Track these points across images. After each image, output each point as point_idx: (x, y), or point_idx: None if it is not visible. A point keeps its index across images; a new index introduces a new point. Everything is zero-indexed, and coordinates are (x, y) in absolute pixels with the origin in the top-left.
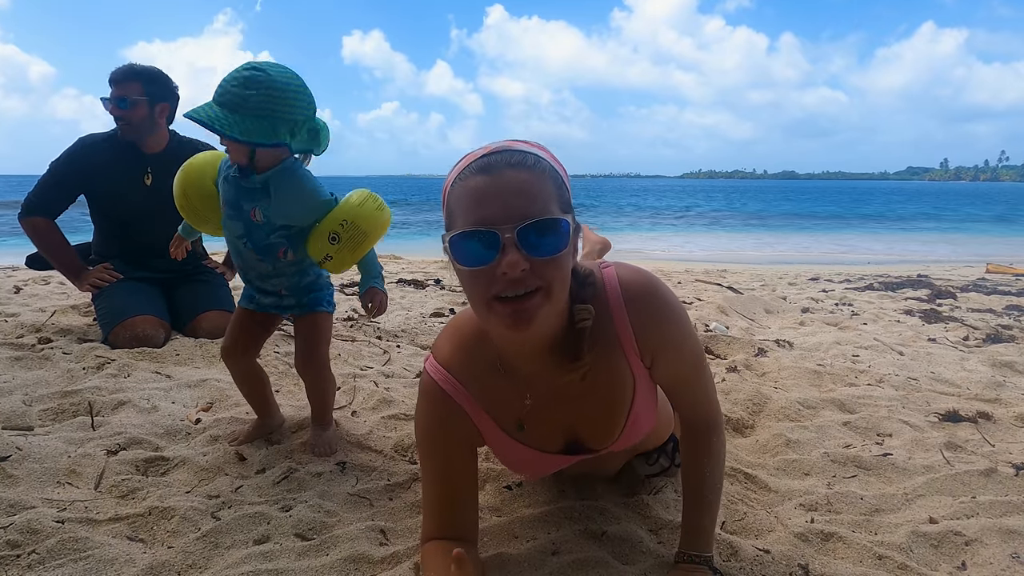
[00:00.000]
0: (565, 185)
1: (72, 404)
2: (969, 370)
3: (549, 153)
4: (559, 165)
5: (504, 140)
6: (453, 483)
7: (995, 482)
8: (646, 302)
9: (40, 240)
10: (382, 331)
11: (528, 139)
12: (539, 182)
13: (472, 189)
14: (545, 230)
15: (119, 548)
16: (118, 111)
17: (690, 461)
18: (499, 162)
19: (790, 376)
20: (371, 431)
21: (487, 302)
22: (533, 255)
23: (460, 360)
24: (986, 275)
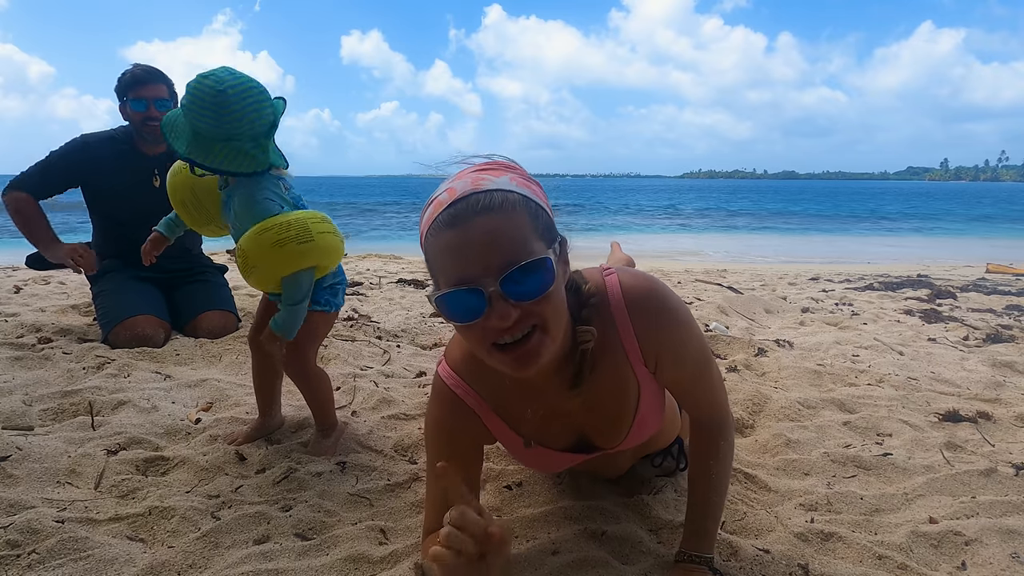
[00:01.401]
0: (542, 209)
1: (72, 404)
2: (969, 370)
3: (519, 174)
4: (531, 185)
5: (467, 171)
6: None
7: (995, 482)
8: (647, 307)
9: (18, 212)
10: (382, 331)
11: (491, 156)
12: (512, 222)
13: (446, 246)
14: (528, 272)
15: (119, 548)
16: (156, 113)
17: (697, 461)
18: (466, 211)
19: (790, 376)
20: (371, 431)
21: (487, 350)
22: (521, 301)
23: (470, 364)
24: (986, 275)
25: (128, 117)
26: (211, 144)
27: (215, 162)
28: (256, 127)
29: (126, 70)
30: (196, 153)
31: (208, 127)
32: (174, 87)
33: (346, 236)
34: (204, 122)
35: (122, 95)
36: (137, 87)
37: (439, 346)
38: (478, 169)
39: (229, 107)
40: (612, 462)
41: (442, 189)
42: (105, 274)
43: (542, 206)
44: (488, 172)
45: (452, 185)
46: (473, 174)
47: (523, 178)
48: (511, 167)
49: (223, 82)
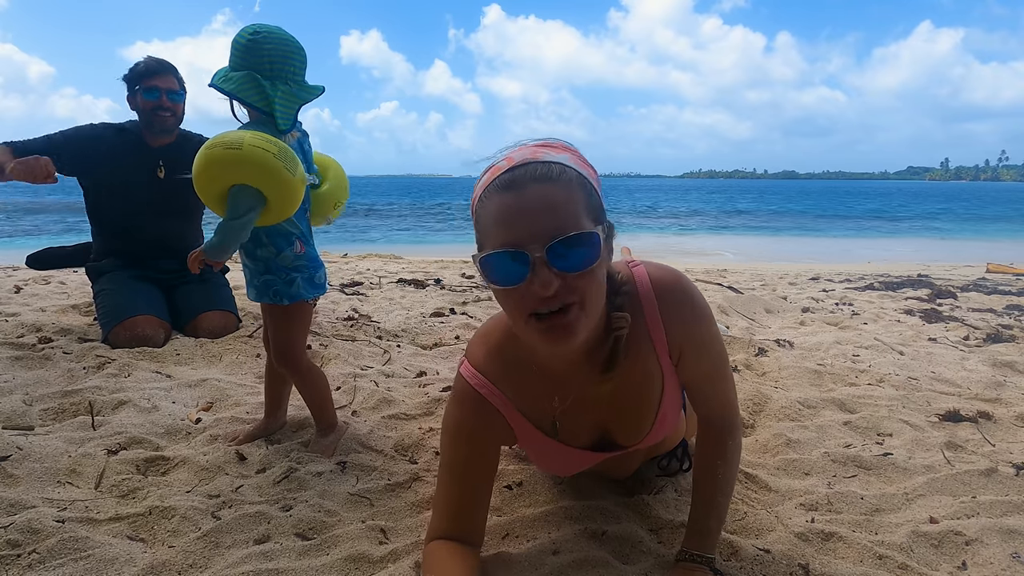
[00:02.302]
0: (595, 190)
1: (72, 404)
2: (969, 370)
3: (577, 156)
4: (588, 168)
5: (528, 144)
6: (472, 484)
7: (995, 482)
8: (677, 299)
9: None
10: (382, 331)
11: (551, 138)
12: (566, 194)
13: (498, 208)
14: (575, 244)
15: (119, 548)
16: (168, 103)
17: (703, 461)
18: (523, 177)
19: (790, 376)
20: (371, 431)
21: (524, 319)
22: (565, 271)
23: (493, 363)
24: (986, 275)
25: (138, 106)
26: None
27: (232, 86)
28: (275, 67)
29: (138, 61)
30: (221, 74)
31: (237, 61)
32: (184, 82)
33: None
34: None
35: (133, 85)
36: (149, 77)
37: (439, 346)
38: (538, 144)
39: (259, 44)
40: (623, 463)
41: (501, 157)
42: (105, 273)
43: (596, 190)
44: (549, 148)
45: (511, 154)
46: (533, 147)
47: (581, 160)
48: (570, 148)
49: (262, 30)
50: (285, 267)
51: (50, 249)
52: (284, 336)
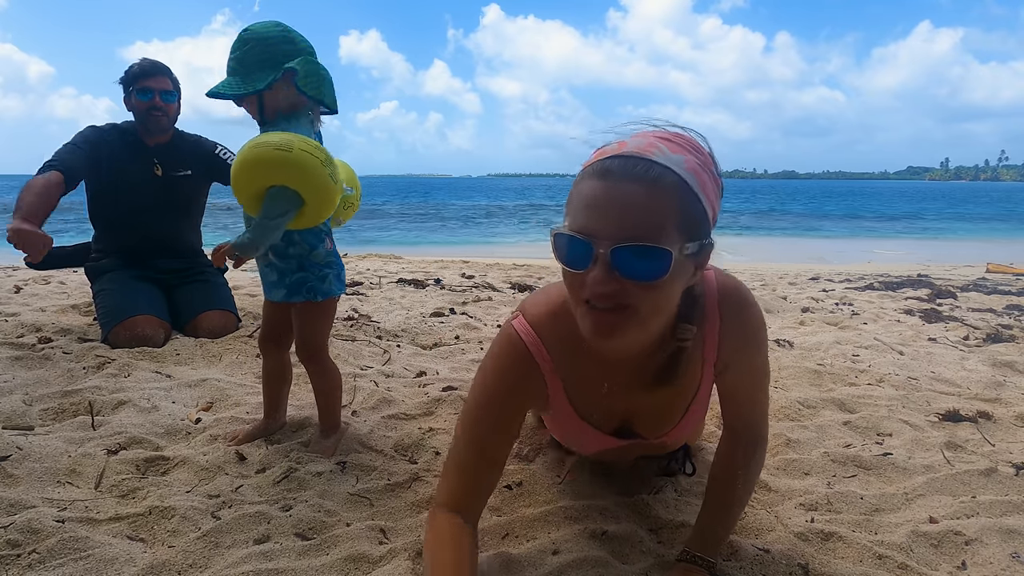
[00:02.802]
0: (700, 202)
1: (72, 404)
2: (969, 370)
3: (700, 160)
4: (705, 176)
5: (651, 132)
6: (494, 443)
7: (995, 482)
8: (739, 314)
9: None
10: (382, 331)
11: (683, 130)
12: (654, 201)
13: (587, 192)
14: (643, 256)
15: (119, 548)
16: (161, 104)
17: (724, 469)
18: (620, 170)
19: (790, 376)
20: (371, 431)
21: (578, 302)
22: (625, 276)
23: (550, 327)
24: (986, 274)
25: (133, 107)
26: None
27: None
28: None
29: (133, 63)
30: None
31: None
32: (178, 81)
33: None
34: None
35: (128, 86)
36: (143, 78)
37: (439, 346)
38: (663, 137)
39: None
40: (629, 452)
41: (616, 140)
42: (105, 273)
43: (701, 202)
44: (669, 144)
45: (629, 139)
46: (654, 138)
47: (701, 167)
48: (697, 151)
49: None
50: (319, 264)
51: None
52: (314, 332)
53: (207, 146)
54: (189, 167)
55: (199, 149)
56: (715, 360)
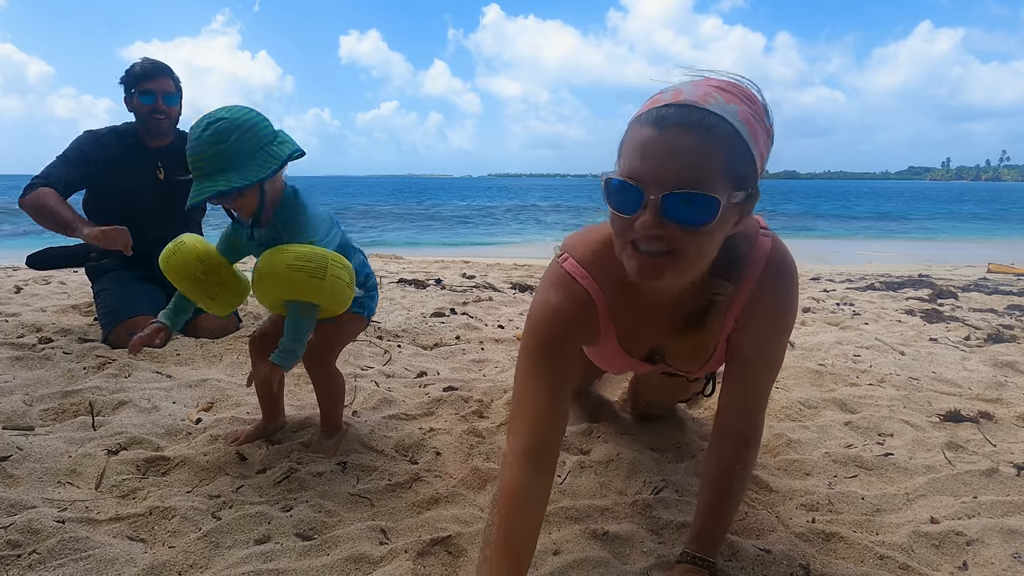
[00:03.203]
0: (750, 152)
1: (73, 404)
2: (970, 370)
3: (752, 110)
4: (757, 127)
5: (707, 81)
6: (557, 381)
7: (996, 482)
8: (774, 290)
9: (46, 205)
10: (383, 331)
11: (739, 80)
12: (707, 149)
13: (640, 139)
14: (692, 202)
15: (120, 548)
16: (164, 107)
17: (718, 466)
18: (674, 117)
19: (791, 376)
20: (372, 431)
21: (623, 244)
22: (673, 222)
23: (598, 266)
24: (987, 275)
25: (135, 109)
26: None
27: (252, 174)
28: (260, 134)
29: (134, 63)
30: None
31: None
32: (180, 81)
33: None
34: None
35: (129, 88)
36: (145, 80)
37: (439, 346)
38: (718, 86)
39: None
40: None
41: (674, 87)
42: (106, 273)
43: (751, 151)
44: (725, 93)
45: (683, 88)
46: (709, 87)
47: (754, 117)
48: (751, 100)
49: (217, 114)
50: (370, 285)
51: (50, 249)
52: (341, 342)
53: None
54: None
55: None
56: (734, 323)
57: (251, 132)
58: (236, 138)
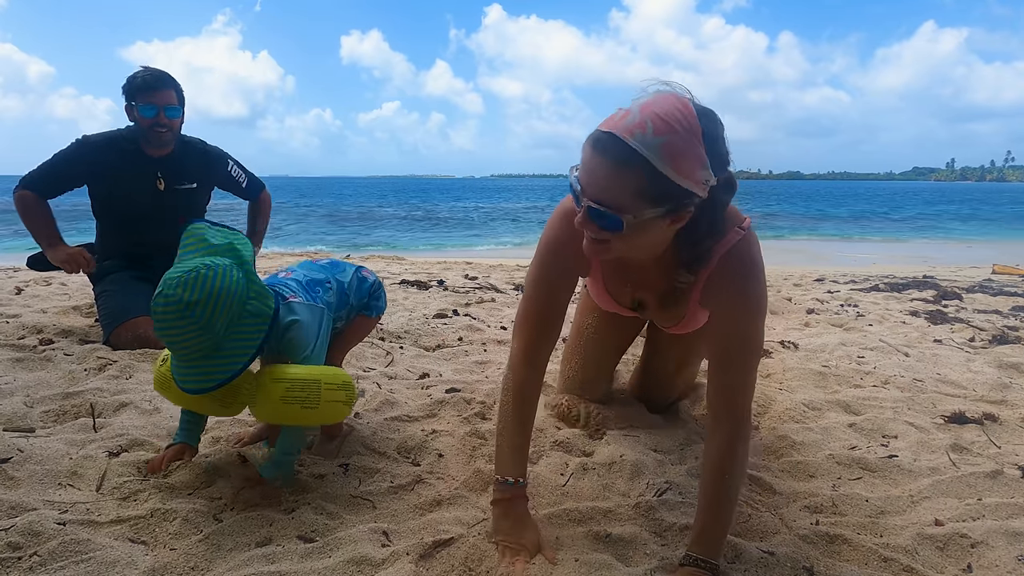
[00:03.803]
0: (665, 177)
1: (73, 406)
2: (975, 371)
3: (679, 135)
4: (680, 154)
5: (647, 106)
6: (557, 299)
7: (1001, 484)
8: (731, 276)
9: (26, 211)
10: (385, 332)
11: (669, 113)
12: (619, 177)
13: (585, 153)
14: (602, 216)
15: (121, 550)
16: (165, 120)
17: (711, 465)
18: (601, 144)
19: (795, 377)
20: (374, 433)
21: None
22: (594, 224)
23: None
24: (992, 276)
25: (136, 120)
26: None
27: (246, 343)
28: (234, 297)
29: (136, 72)
30: (227, 357)
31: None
32: (182, 91)
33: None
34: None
35: (130, 98)
36: (147, 93)
37: (442, 347)
38: (659, 113)
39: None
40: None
41: (627, 108)
42: (107, 275)
43: (669, 178)
44: (660, 123)
45: (630, 110)
46: (646, 116)
47: (683, 146)
48: (686, 129)
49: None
50: (375, 292)
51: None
52: (346, 346)
53: (217, 163)
54: (195, 180)
55: (208, 165)
56: (700, 295)
57: (227, 295)
58: (213, 311)
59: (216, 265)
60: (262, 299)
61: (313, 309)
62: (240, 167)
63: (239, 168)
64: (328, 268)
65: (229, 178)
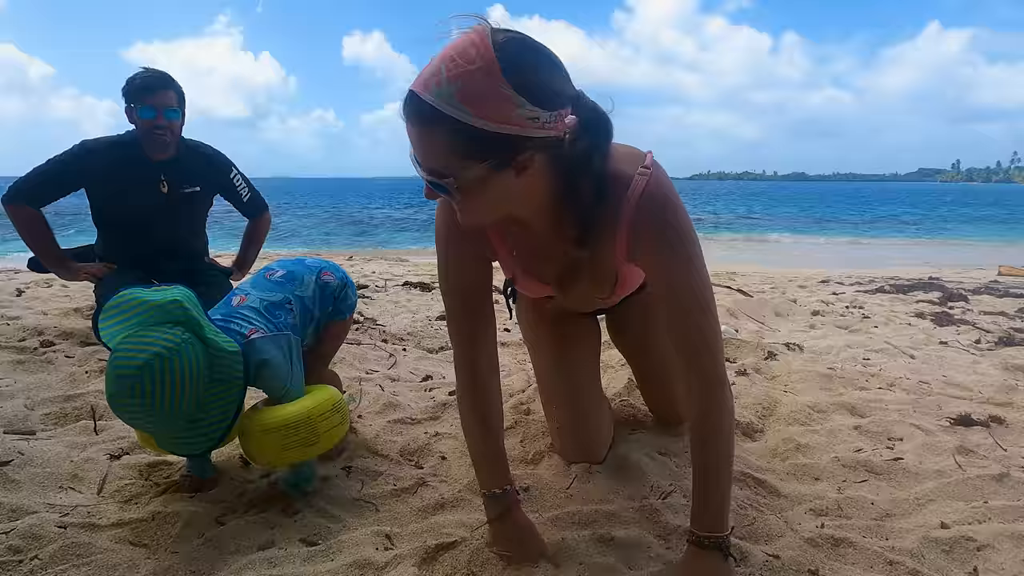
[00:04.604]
0: (473, 127)
1: (74, 408)
2: (981, 373)
3: (476, 77)
4: (480, 96)
5: (440, 57)
6: (469, 285)
7: (1007, 487)
8: (651, 220)
9: (23, 227)
10: (388, 334)
11: (464, 47)
12: (429, 138)
13: (406, 127)
14: (433, 183)
15: (122, 554)
16: (164, 122)
17: (693, 426)
18: (407, 108)
19: (800, 380)
20: (377, 435)
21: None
22: (436, 194)
23: None
24: (998, 277)
25: (135, 123)
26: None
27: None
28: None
29: (135, 74)
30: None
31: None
32: (183, 92)
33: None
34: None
35: (130, 100)
36: (146, 94)
37: (445, 350)
38: (451, 57)
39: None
40: (579, 303)
41: (424, 67)
42: (109, 277)
43: (479, 127)
44: (452, 66)
45: (432, 61)
46: (442, 61)
47: (484, 87)
48: (465, 72)
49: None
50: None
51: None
52: (328, 354)
53: (221, 169)
54: (198, 184)
55: (212, 170)
56: (626, 258)
57: (187, 385)
58: (174, 403)
59: (169, 350)
60: (227, 362)
61: (278, 339)
62: (245, 180)
63: (243, 180)
64: (285, 285)
65: (231, 185)
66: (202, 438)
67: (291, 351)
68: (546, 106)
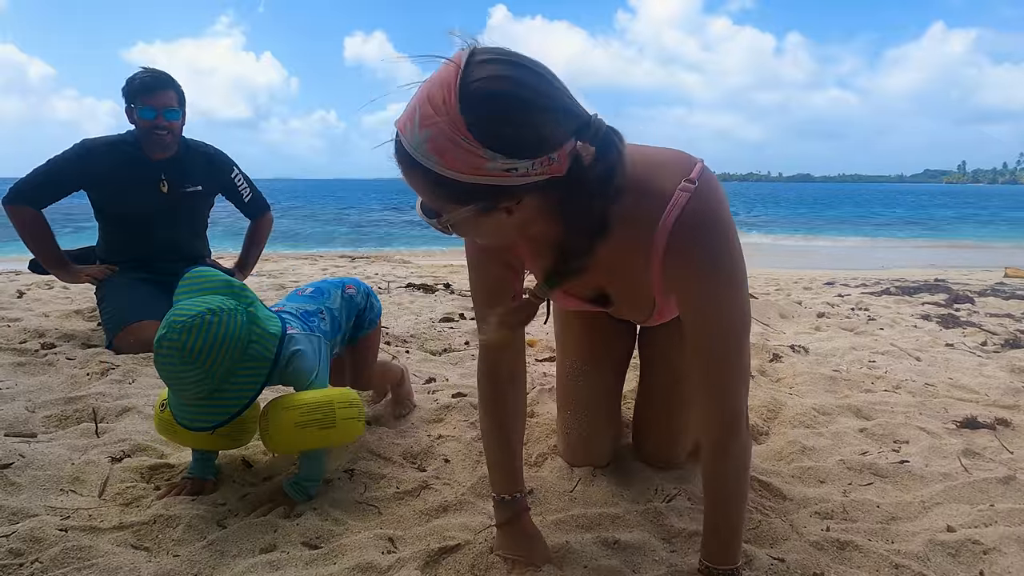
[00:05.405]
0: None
1: (76, 410)
2: (987, 376)
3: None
4: (446, 148)
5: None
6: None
7: (1014, 490)
8: (690, 241)
9: (24, 228)
10: (391, 336)
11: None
12: (412, 179)
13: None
14: (429, 218)
15: (123, 557)
16: (164, 122)
17: (706, 460)
18: (394, 147)
19: (805, 382)
20: (380, 438)
21: None
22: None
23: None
24: (1004, 279)
25: (135, 123)
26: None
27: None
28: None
29: (135, 74)
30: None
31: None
32: (183, 92)
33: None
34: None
35: (130, 101)
36: (146, 95)
37: (448, 352)
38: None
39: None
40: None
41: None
42: (110, 278)
43: (448, 177)
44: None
45: (408, 103)
46: (416, 103)
47: (447, 138)
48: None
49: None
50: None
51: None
52: (370, 360)
53: (222, 168)
54: (199, 183)
55: (213, 169)
56: (661, 289)
57: (231, 341)
58: (219, 354)
59: (221, 311)
60: (264, 341)
61: (311, 338)
62: (246, 179)
63: (245, 180)
64: (316, 298)
65: (232, 185)
66: (218, 411)
67: (320, 350)
68: (524, 155)
